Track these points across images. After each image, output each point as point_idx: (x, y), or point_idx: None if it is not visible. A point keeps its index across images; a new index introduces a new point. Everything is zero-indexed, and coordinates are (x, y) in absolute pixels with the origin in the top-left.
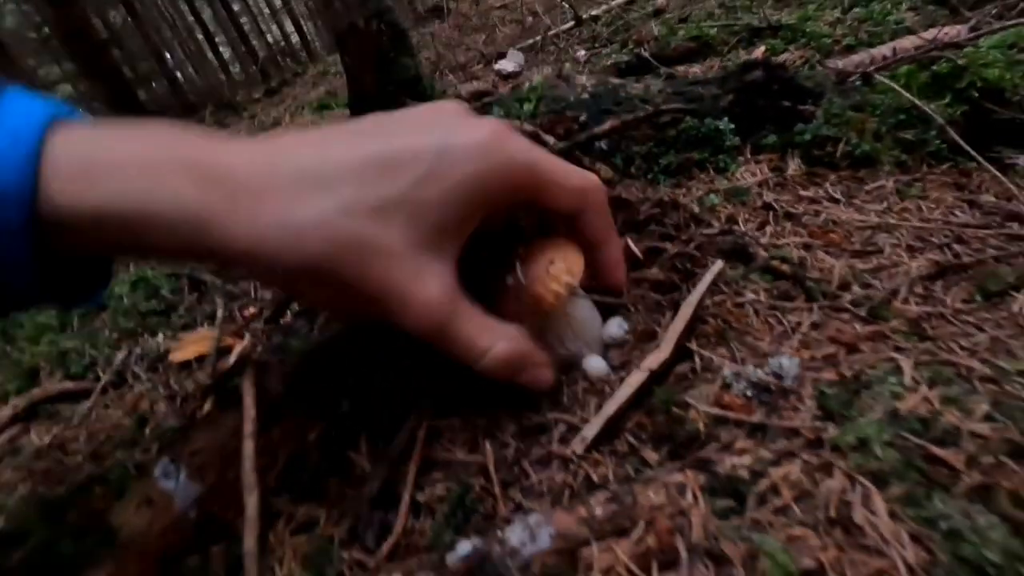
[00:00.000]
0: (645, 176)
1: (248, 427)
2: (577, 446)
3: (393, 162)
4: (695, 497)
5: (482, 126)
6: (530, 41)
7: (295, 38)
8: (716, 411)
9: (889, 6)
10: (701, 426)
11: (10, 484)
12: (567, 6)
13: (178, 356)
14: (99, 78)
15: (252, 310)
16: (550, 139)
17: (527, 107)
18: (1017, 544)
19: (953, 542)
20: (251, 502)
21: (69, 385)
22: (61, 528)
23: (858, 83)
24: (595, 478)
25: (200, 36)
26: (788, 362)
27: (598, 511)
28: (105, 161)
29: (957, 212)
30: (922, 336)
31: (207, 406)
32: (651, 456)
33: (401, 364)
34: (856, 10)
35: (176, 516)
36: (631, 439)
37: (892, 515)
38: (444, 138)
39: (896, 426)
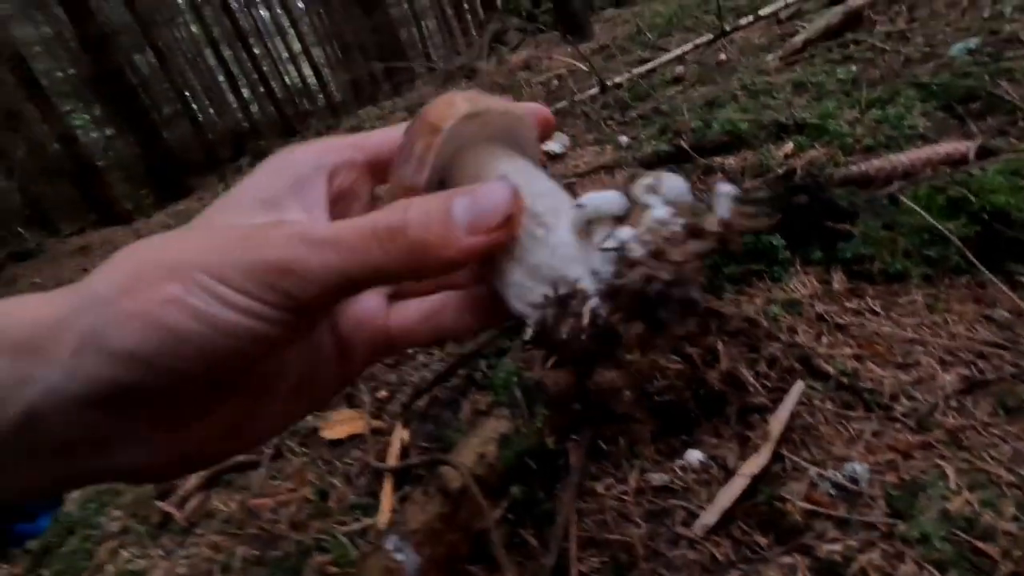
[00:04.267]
0: (711, 284)
1: (492, 513)
2: (698, 530)
3: None
4: None
5: None
6: (557, 105)
7: (312, 80)
8: (808, 506)
9: (903, 111)
10: (799, 517)
11: (227, 547)
12: (587, 70)
13: (329, 434)
14: (127, 121)
15: (384, 393)
16: None
17: None
18: None
19: None
20: None
21: (240, 457)
22: None
23: (885, 202)
24: (719, 557)
25: (221, 78)
26: (860, 468)
27: None
28: None
29: (978, 327)
30: (959, 446)
31: (387, 486)
32: (760, 540)
33: (547, 465)
34: (873, 111)
35: None
36: (742, 525)
37: None
38: None
39: (948, 524)
